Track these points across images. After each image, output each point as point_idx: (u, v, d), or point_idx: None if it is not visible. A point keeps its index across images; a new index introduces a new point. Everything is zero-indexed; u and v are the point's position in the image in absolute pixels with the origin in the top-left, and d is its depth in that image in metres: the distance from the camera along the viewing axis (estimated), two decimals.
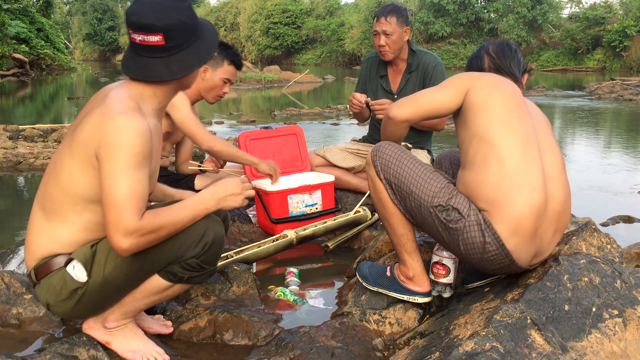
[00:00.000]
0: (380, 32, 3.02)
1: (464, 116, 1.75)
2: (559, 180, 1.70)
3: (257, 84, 16.15)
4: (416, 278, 1.86)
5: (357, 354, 1.73)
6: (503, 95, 1.72)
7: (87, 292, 1.53)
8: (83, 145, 1.46)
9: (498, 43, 1.94)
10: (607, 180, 4.49)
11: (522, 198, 1.60)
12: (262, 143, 3.12)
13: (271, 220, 2.85)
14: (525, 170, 1.63)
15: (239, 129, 7.43)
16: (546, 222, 1.65)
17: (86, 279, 1.51)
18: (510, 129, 1.66)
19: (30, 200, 4.12)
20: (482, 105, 1.70)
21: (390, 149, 1.82)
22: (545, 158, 1.70)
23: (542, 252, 1.70)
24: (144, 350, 1.66)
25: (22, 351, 1.72)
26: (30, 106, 10.82)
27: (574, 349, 1.43)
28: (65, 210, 1.52)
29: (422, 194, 1.71)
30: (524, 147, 1.65)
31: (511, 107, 1.70)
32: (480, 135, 1.68)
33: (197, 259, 1.55)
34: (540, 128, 1.75)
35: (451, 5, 26.51)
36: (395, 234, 1.84)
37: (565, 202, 1.70)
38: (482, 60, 1.92)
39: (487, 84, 1.75)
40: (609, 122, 8.62)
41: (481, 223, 1.63)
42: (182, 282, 1.59)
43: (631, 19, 21.98)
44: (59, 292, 1.53)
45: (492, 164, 1.64)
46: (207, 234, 1.55)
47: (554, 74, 22.20)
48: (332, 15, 34.10)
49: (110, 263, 1.51)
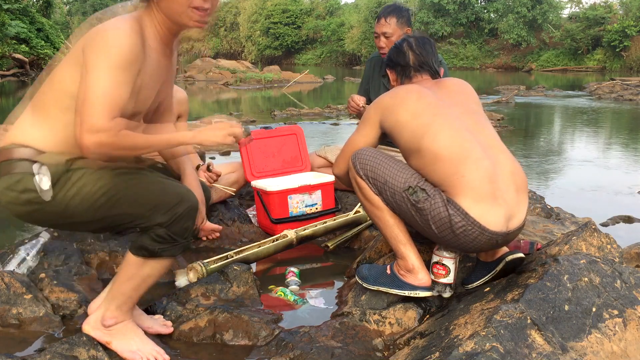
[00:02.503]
0: (380, 34, 3.02)
1: (393, 139, 1.94)
2: (497, 147, 1.84)
3: (257, 84, 16.15)
4: (416, 269, 1.87)
5: (357, 354, 1.73)
6: (406, 108, 1.87)
7: (44, 211, 1.50)
8: (76, 46, 1.49)
9: (420, 39, 2.09)
10: (607, 180, 4.49)
11: (468, 168, 1.74)
12: (262, 143, 3.12)
13: (271, 220, 2.85)
14: (461, 149, 1.77)
15: None
16: (501, 183, 1.75)
17: (50, 197, 1.48)
18: (432, 130, 1.80)
19: None
20: (397, 126, 1.88)
21: (368, 150, 1.95)
22: (477, 134, 1.83)
23: (513, 214, 1.77)
24: (144, 350, 1.66)
25: (22, 351, 1.72)
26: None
27: (574, 349, 1.43)
28: (51, 105, 1.52)
29: (395, 182, 1.83)
30: (452, 137, 1.79)
31: (422, 111, 1.85)
32: (415, 149, 1.83)
33: (167, 229, 1.53)
34: (465, 112, 1.89)
35: (451, 5, 26.51)
36: (387, 226, 1.89)
37: (513, 163, 1.83)
38: (407, 56, 2.06)
39: (390, 106, 1.92)
40: (609, 122, 8.62)
41: (444, 199, 1.75)
42: (155, 256, 1.57)
43: (631, 19, 21.98)
44: (17, 196, 1.50)
45: (431, 162, 1.79)
46: (180, 204, 1.53)
47: (554, 74, 22.19)
48: (332, 15, 34.10)
49: (77, 191, 1.48)
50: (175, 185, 1.61)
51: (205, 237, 2.80)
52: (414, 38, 2.09)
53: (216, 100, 12.80)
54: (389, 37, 3.01)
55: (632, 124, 8.53)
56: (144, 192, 1.53)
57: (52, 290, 2.03)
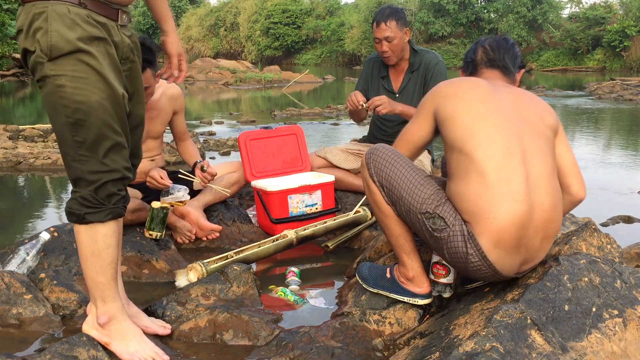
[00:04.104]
0: (382, 39, 3.02)
1: (441, 132, 1.76)
2: (545, 187, 1.64)
3: (257, 84, 16.14)
4: (416, 279, 1.86)
5: (357, 354, 1.73)
6: (468, 105, 1.69)
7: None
8: None
9: (494, 37, 1.94)
10: (607, 180, 4.49)
11: (502, 211, 1.58)
12: (262, 143, 3.12)
13: (271, 220, 2.85)
14: (507, 181, 1.59)
15: (239, 129, 7.43)
16: (531, 231, 1.61)
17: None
18: (488, 139, 1.63)
19: (30, 200, 4.12)
20: (450, 119, 1.69)
21: (385, 152, 1.82)
22: (531, 165, 1.64)
23: (530, 259, 1.67)
24: (143, 351, 1.65)
25: (22, 351, 1.72)
26: (30, 106, 10.81)
27: (574, 349, 1.43)
28: None
29: (412, 200, 1.71)
30: (504, 157, 1.61)
31: (482, 116, 1.66)
32: (458, 148, 1.66)
33: (93, 192, 1.55)
34: (528, 131, 1.69)
35: (451, 5, 26.49)
36: (393, 235, 1.84)
37: (553, 210, 1.65)
38: (475, 52, 1.92)
39: (449, 96, 1.73)
40: (609, 122, 8.62)
41: (465, 234, 1.62)
42: (82, 222, 1.56)
43: (631, 19, 21.95)
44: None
45: (472, 177, 1.62)
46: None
47: (554, 74, 22.18)
48: (332, 15, 34.07)
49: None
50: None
51: (205, 237, 2.80)
52: (488, 38, 1.95)
53: (216, 100, 12.79)
54: (392, 41, 3.01)
55: (632, 124, 8.53)
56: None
57: (52, 290, 2.03)
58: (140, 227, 2.56)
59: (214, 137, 6.69)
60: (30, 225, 3.41)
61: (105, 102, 1.53)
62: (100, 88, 1.52)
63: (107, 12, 1.59)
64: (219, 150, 5.78)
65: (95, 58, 1.51)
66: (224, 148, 5.88)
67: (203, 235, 2.79)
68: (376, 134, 3.33)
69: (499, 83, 1.82)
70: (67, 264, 2.27)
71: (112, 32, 1.60)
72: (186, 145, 2.97)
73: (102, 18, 1.57)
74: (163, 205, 2.51)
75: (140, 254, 2.43)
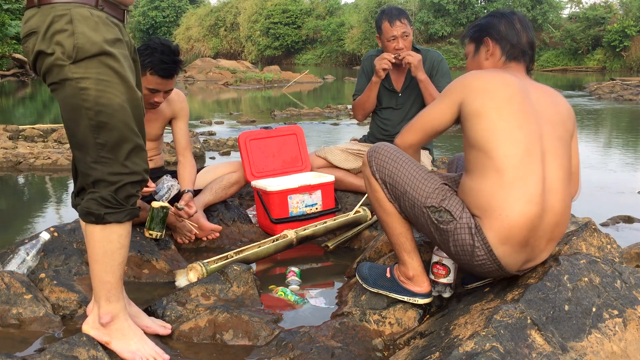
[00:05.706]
0: (399, 36, 3.04)
1: (463, 125, 1.73)
2: (559, 191, 1.65)
3: (257, 84, 16.15)
4: (416, 278, 1.86)
5: (357, 354, 1.73)
6: (498, 103, 1.66)
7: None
8: None
9: (523, 22, 1.81)
10: (607, 180, 4.49)
11: (515, 210, 1.58)
12: (262, 143, 3.12)
13: (271, 220, 2.85)
14: (524, 182, 1.60)
15: (239, 129, 7.44)
16: (539, 233, 1.63)
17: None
18: (510, 139, 1.62)
19: (30, 200, 4.12)
20: (477, 116, 1.66)
21: (387, 149, 1.82)
22: (548, 167, 1.64)
23: (533, 258, 1.69)
24: (144, 350, 1.65)
25: (22, 351, 1.72)
26: (30, 106, 10.81)
27: (574, 349, 1.43)
28: None
29: (416, 194, 1.72)
30: (524, 158, 1.61)
31: (509, 116, 1.64)
32: (478, 146, 1.65)
33: (113, 193, 1.55)
34: (549, 133, 1.68)
35: (451, 5, 26.50)
36: (394, 234, 1.84)
37: (563, 214, 1.67)
38: (520, 34, 1.80)
39: (480, 91, 1.68)
40: (609, 122, 8.62)
41: (472, 227, 1.63)
42: (100, 222, 1.57)
43: (631, 19, 21.95)
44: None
45: (489, 174, 1.62)
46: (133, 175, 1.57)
47: (554, 74, 22.18)
48: (332, 15, 34.07)
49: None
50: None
51: (205, 237, 2.80)
52: (516, 14, 1.82)
53: (216, 100, 12.80)
54: (408, 36, 3.05)
55: (632, 124, 8.53)
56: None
57: (52, 290, 2.03)
58: (140, 227, 2.56)
59: (214, 137, 6.70)
60: (30, 225, 3.41)
61: (126, 104, 1.55)
62: (122, 91, 1.53)
63: (117, 13, 1.60)
64: (219, 150, 5.79)
65: (118, 60, 1.53)
66: (224, 148, 5.88)
67: (203, 235, 2.79)
68: (376, 134, 3.33)
69: (522, 77, 1.80)
70: (67, 264, 2.27)
71: (123, 33, 1.61)
72: (184, 165, 2.76)
73: (115, 20, 1.58)
74: (163, 205, 2.51)
75: (140, 254, 2.43)
